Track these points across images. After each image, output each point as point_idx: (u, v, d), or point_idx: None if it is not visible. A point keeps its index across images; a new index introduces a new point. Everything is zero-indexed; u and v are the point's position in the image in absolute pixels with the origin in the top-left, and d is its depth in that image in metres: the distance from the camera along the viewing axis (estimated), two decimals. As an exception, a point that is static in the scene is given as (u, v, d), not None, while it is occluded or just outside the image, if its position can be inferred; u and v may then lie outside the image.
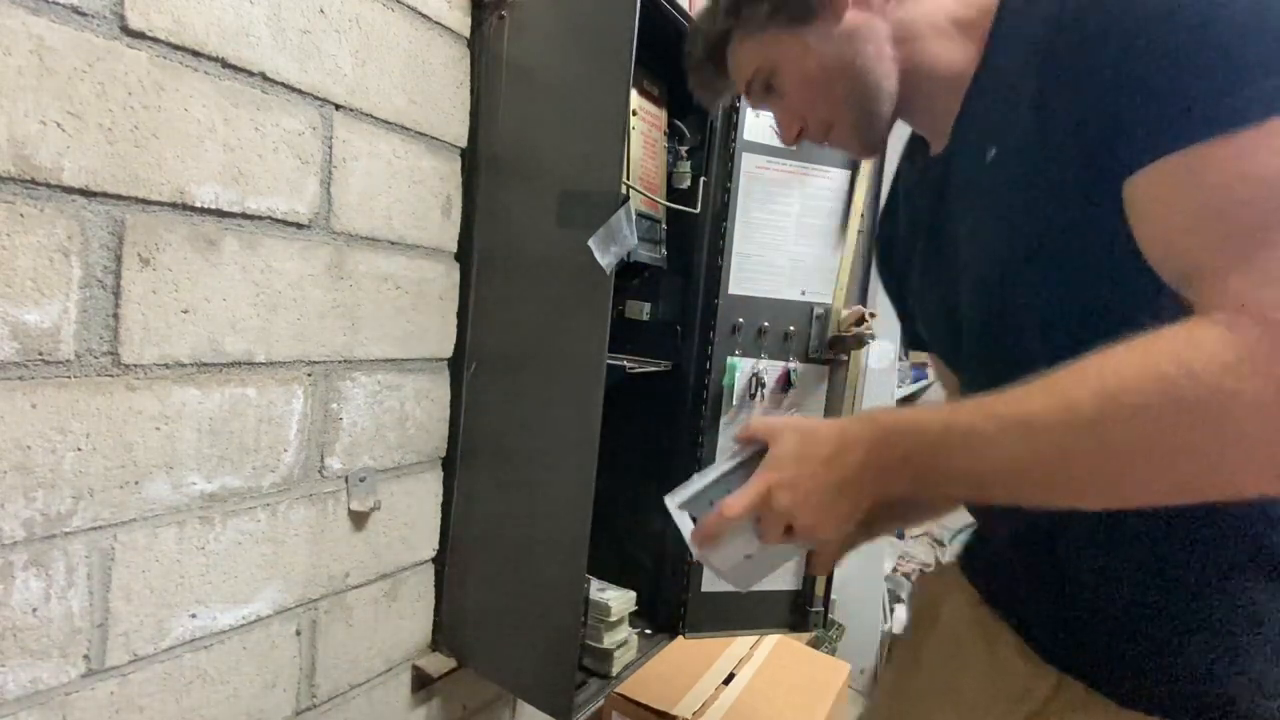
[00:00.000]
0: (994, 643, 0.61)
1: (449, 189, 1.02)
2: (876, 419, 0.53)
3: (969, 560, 0.70)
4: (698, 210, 1.21)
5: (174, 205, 0.70)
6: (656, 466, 1.29)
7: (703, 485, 0.63)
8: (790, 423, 0.60)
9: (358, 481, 0.93)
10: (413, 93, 0.94)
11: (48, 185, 0.61)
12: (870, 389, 2.58)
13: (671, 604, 1.29)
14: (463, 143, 1.03)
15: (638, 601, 1.20)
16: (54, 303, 0.63)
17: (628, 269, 1.18)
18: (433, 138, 0.98)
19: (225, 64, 0.73)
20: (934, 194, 0.63)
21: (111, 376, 0.67)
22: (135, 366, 0.69)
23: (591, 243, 0.88)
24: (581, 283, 0.92)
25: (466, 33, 1.01)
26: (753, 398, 1.26)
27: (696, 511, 0.62)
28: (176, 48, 0.69)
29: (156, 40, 0.67)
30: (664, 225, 1.23)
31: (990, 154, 0.54)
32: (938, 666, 0.68)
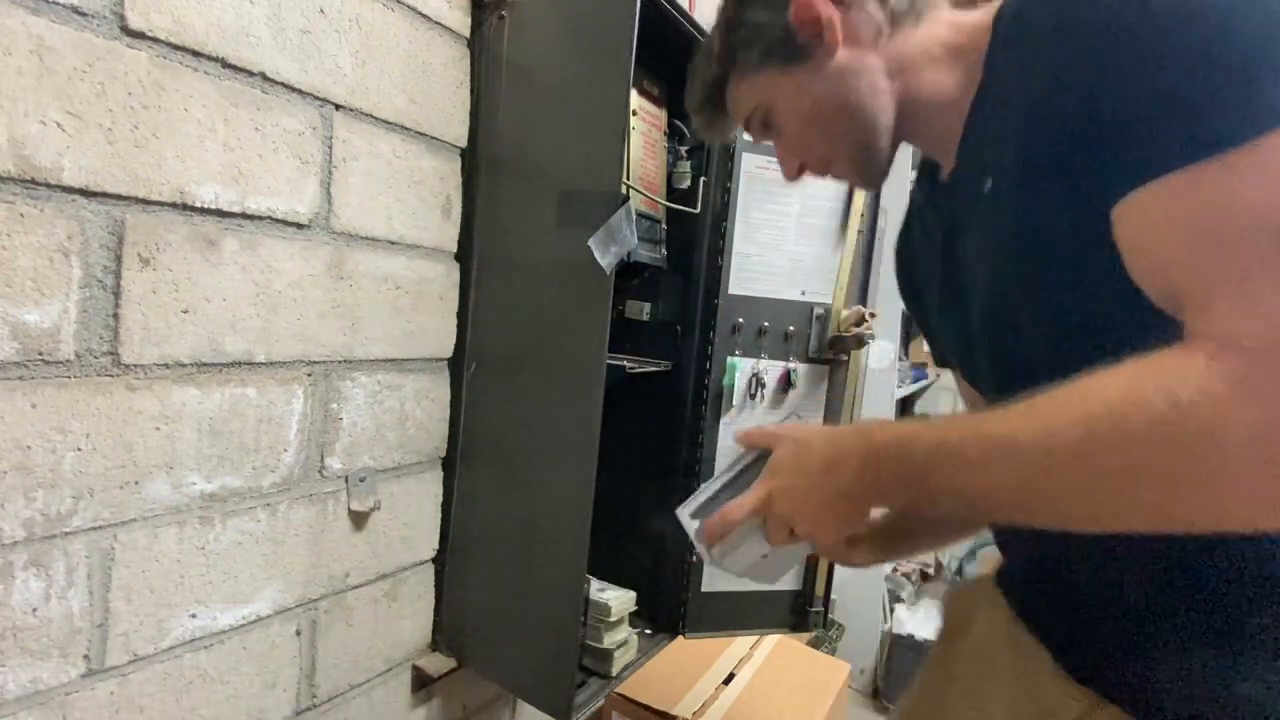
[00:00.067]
0: (1026, 660, 0.60)
1: (449, 189, 1.02)
2: (870, 434, 0.54)
3: (1003, 574, 0.69)
4: (698, 210, 1.21)
5: (174, 205, 0.70)
6: (656, 466, 1.29)
7: (710, 494, 0.67)
8: (790, 432, 0.61)
9: (358, 481, 0.93)
10: (413, 93, 0.94)
11: (48, 185, 0.61)
12: (870, 389, 2.58)
13: (671, 604, 1.29)
14: (463, 143, 1.03)
15: (638, 601, 1.20)
16: (54, 303, 0.63)
17: (628, 269, 1.18)
18: (433, 138, 0.98)
19: (225, 64, 0.73)
20: (945, 217, 0.63)
21: (111, 376, 0.67)
22: (135, 366, 0.69)
23: (591, 243, 0.88)
24: (581, 283, 0.92)
25: (466, 33, 1.01)
26: (753, 398, 1.26)
27: (720, 549, 0.63)
28: (176, 48, 0.69)
29: (156, 40, 0.67)
30: (664, 225, 1.23)
31: (987, 185, 0.54)
32: (968, 680, 0.67)
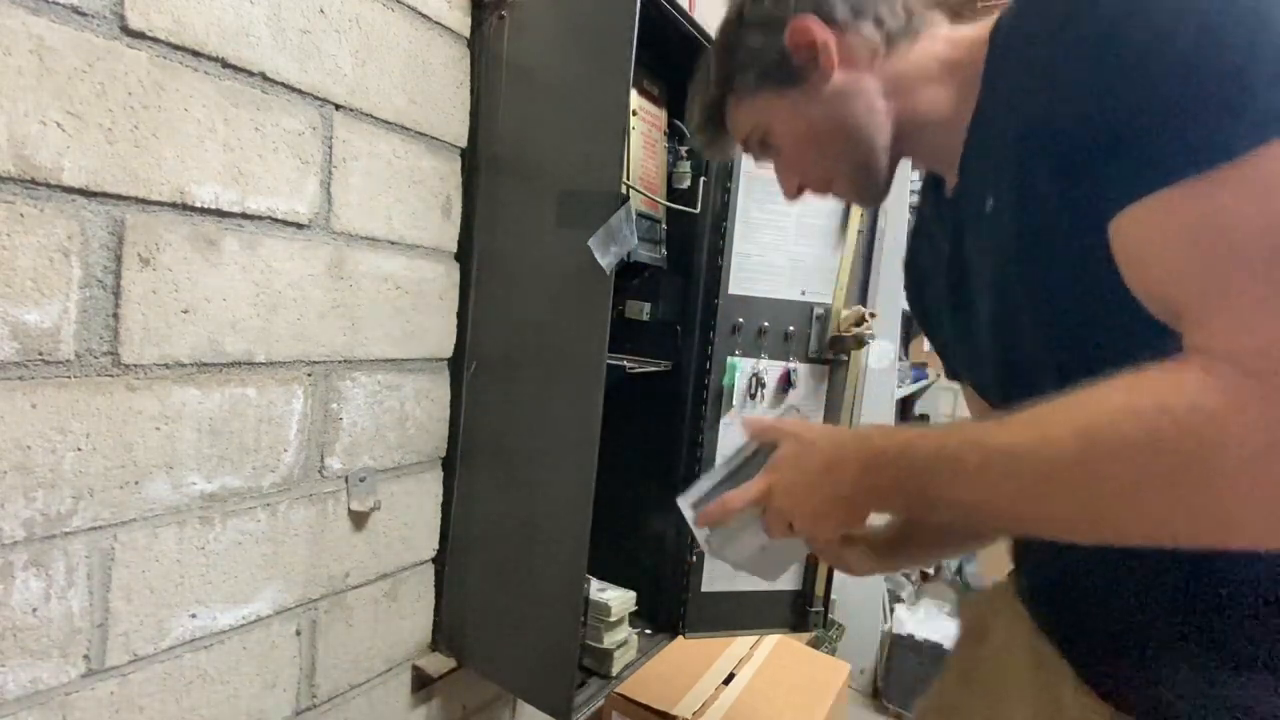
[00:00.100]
0: (1048, 672, 0.59)
1: (449, 189, 1.02)
2: (870, 440, 0.54)
3: (1021, 584, 0.68)
4: (698, 210, 1.21)
5: (174, 205, 0.70)
6: (656, 466, 1.29)
7: (712, 485, 0.68)
8: (795, 429, 0.61)
9: (358, 481, 0.93)
10: (413, 93, 0.94)
11: (48, 185, 0.61)
12: (870, 389, 2.58)
13: (671, 604, 1.29)
14: (463, 143, 1.03)
15: (638, 601, 1.20)
16: (54, 303, 0.63)
17: (628, 269, 1.18)
18: (433, 138, 0.98)
19: (225, 64, 0.73)
20: (951, 231, 0.63)
21: (111, 376, 0.67)
22: (135, 366, 0.69)
23: (591, 243, 0.88)
24: (581, 283, 0.92)
25: (466, 33, 1.01)
26: (753, 398, 1.26)
27: (717, 534, 0.65)
28: (176, 48, 0.69)
29: (156, 40, 0.67)
30: (664, 225, 1.23)
31: (989, 203, 0.54)
32: (988, 688, 0.67)
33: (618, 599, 1.14)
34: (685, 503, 0.68)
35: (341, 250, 0.88)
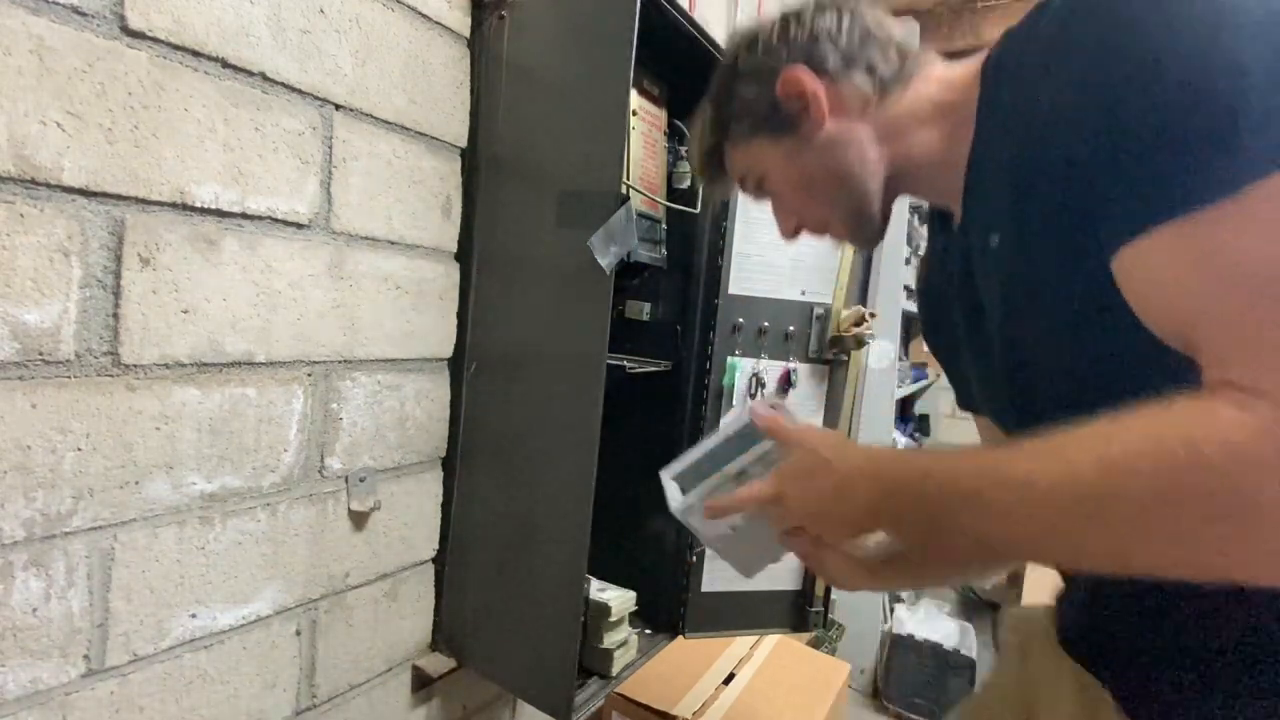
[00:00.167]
0: (1092, 702, 0.58)
1: (449, 189, 1.02)
2: (885, 464, 0.54)
3: (1062, 613, 0.67)
4: (698, 210, 1.21)
5: (174, 205, 0.70)
6: (657, 466, 1.28)
7: (695, 459, 0.71)
8: (806, 438, 0.61)
9: (358, 481, 0.93)
10: (413, 93, 0.94)
11: (48, 185, 0.61)
12: (870, 389, 2.58)
13: (671, 604, 1.29)
14: (463, 143, 1.03)
15: (638, 601, 1.19)
16: (54, 303, 0.63)
17: (628, 269, 1.18)
18: (433, 138, 0.98)
19: (225, 64, 0.73)
20: (961, 265, 0.62)
21: (111, 376, 0.67)
22: (135, 366, 0.69)
23: (591, 243, 0.88)
24: (581, 283, 0.92)
25: (466, 33, 1.01)
26: (753, 397, 1.26)
27: (686, 484, 0.69)
28: (176, 48, 0.69)
29: (156, 40, 0.67)
30: (664, 225, 1.23)
31: (993, 241, 0.54)
32: (1028, 707, 0.66)
33: (618, 599, 1.14)
34: (667, 474, 0.71)
35: (341, 250, 0.88)
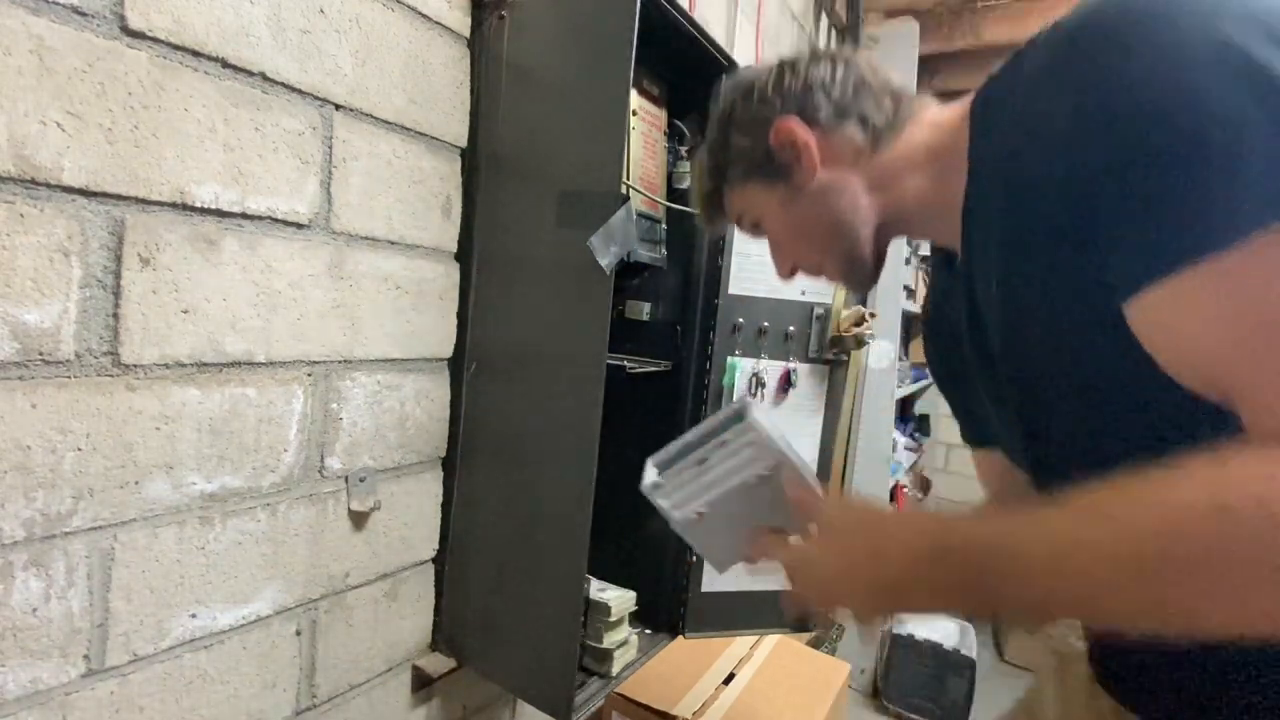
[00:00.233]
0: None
1: (449, 189, 1.02)
2: (920, 529, 0.52)
3: (1092, 645, 0.66)
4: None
5: (174, 205, 0.70)
6: (656, 466, 1.29)
7: (676, 446, 0.73)
8: (829, 508, 0.60)
9: (358, 481, 0.93)
10: (413, 93, 0.94)
11: (48, 185, 0.61)
12: (870, 389, 2.58)
13: (671, 604, 1.29)
14: (463, 143, 1.03)
15: (638, 601, 1.19)
16: (54, 303, 0.63)
17: (628, 269, 1.18)
18: (433, 138, 0.98)
19: (225, 64, 0.73)
20: (967, 304, 0.62)
21: (111, 376, 0.67)
22: (135, 366, 0.69)
23: (591, 243, 0.88)
24: (581, 283, 0.92)
25: (466, 33, 1.01)
26: (753, 398, 1.26)
27: (663, 468, 0.73)
28: (176, 48, 0.69)
29: (156, 40, 0.67)
30: (664, 225, 1.23)
31: (994, 284, 0.53)
32: None
33: (618, 599, 1.14)
34: (651, 462, 0.74)
35: (341, 250, 0.88)
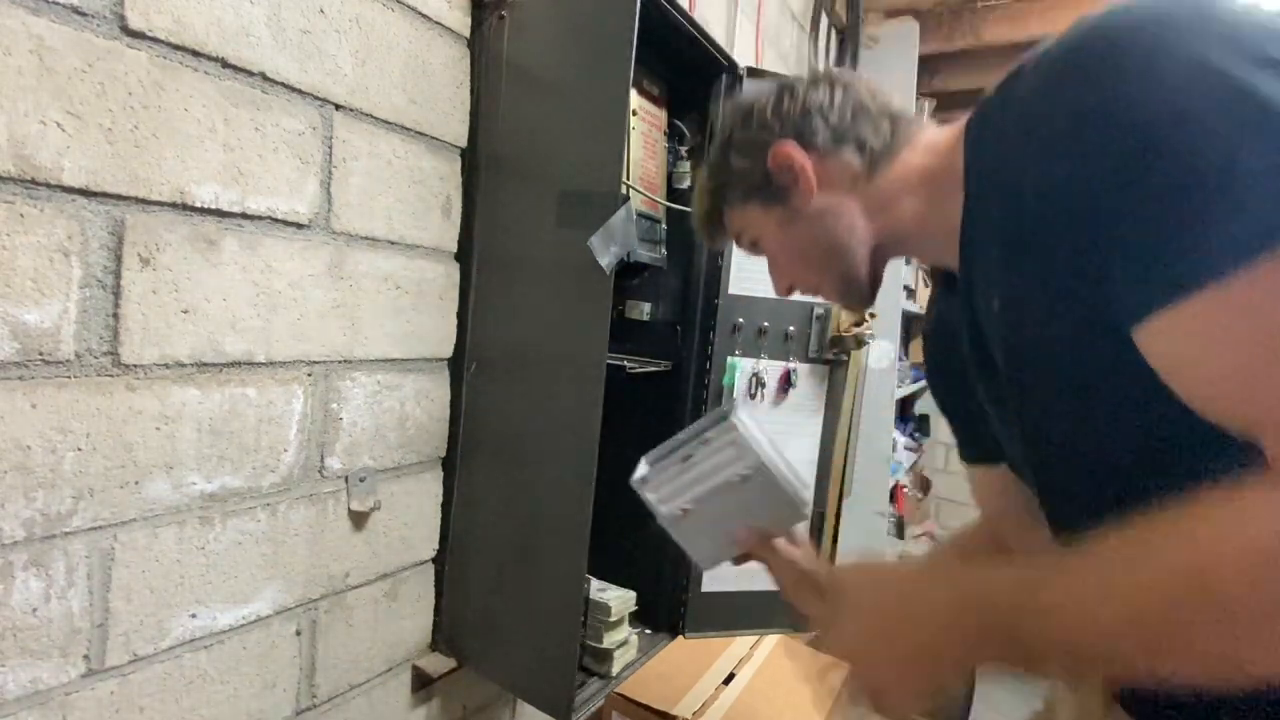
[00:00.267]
0: None
1: (449, 189, 1.02)
2: (958, 582, 0.51)
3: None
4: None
5: (174, 205, 0.70)
6: (656, 466, 1.29)
7: (668, 447, 0.79)
8: (849, 588, 0.59)
9: (358, 481, 0.93)
10: (413, 93, 0.94)
11: (48, 185, 0.61)
12: (870, 389, 2.58)
13: (671, 604, 1.29)
14: (463, 143, 1.03)
15: (638, 601, 1.19)
16: (54, 303, 0.63)
17: (628, 269, 1.18)
18: (433, 138, 0.98)
19: (225, 64, 0.73)
20: (968, 324, 0.61)
21: (111, 376, 0.67)
22: (135, 366, 0.69)
23: (591, 243, 0.88)
24: (581, 283, 0.92)
25: (466, 33, 1.01)
26: (753, 397, 1.26)
27: (653, 473, 0.80)
28: (176, 48, 0.69)
29: (156, 40, 0.67)
30: (664, 225, 1.23)
31: (995, 305, 0.53)
32: None
33: (618, 599, 1.14)
34: (645, 457, 0.79)
35: (341, 250, 0.88)
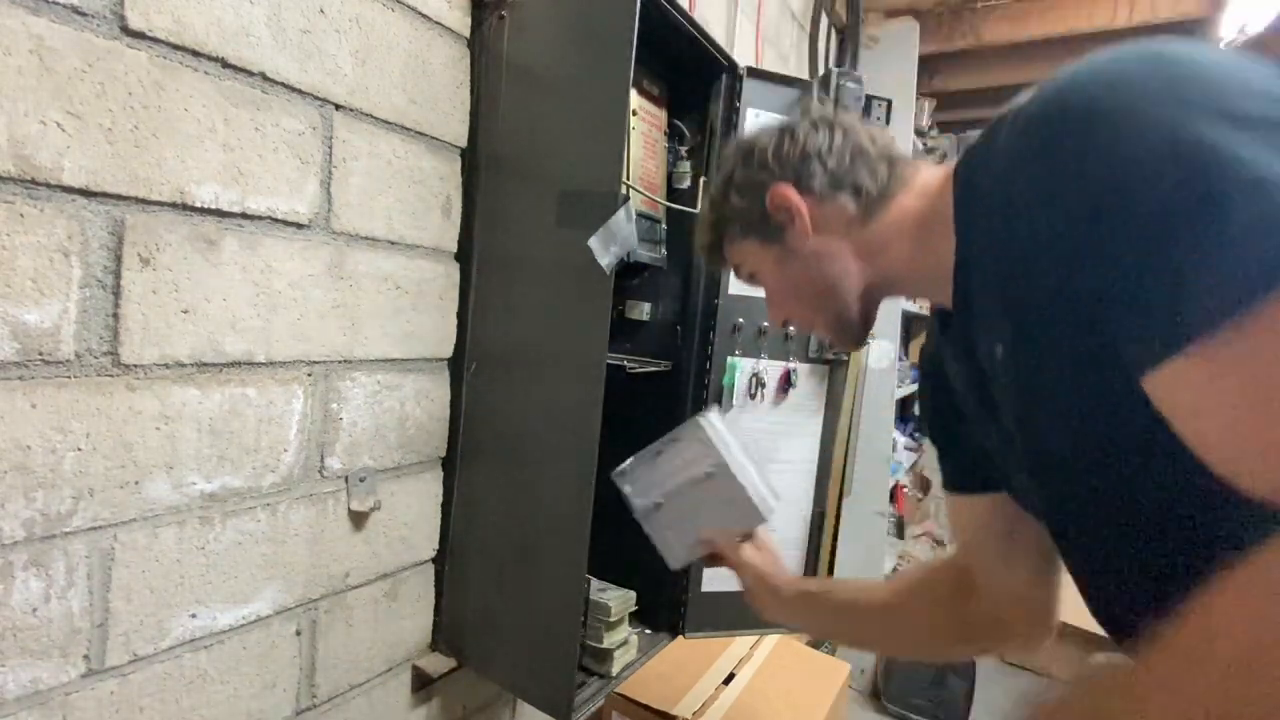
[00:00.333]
0: None
1: (449, 189, 1.02)
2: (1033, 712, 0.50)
3: None
4: (697, 210, 1.21)
5: (174, 205, 0.70)
6: (656, 466, 1.29)
7: (651, 449, 0.90)
8: None
9: (358, 481, 0.93)
10: (413, 92, 0.94)
11: (48, 185, 0.61)
12: (870, 389, 2.58)
13: (671, 604, 1.29)
14: (463, 143, 1.03)
15: (638, 601, 1.19)
16: (54, 303, 0.63)
17: (628, 269, 1.18)
18: (433, 138, 0.98)
19: (225, 64, 0.73)
20: (967, 362, 0.61)
21: (111, 376, 0.67)
22: (135, 366, 0.69)
23: (591, 243, 0.88)
24: (581, 283, 0.92)
25: (466, 33, 1.01)
26: (753, 398, 1.26)
27: (630, 467, 0.91)
28: (176, 48, 0.69)
29: (156, 40, 0.67)
30: (664, 225, 1.23)
31: (998, 352, 0.53)
32: None
33: (618, 599, 1.14)
34: (633, 458, 0.88)
35: (341, 250, 0.88)
